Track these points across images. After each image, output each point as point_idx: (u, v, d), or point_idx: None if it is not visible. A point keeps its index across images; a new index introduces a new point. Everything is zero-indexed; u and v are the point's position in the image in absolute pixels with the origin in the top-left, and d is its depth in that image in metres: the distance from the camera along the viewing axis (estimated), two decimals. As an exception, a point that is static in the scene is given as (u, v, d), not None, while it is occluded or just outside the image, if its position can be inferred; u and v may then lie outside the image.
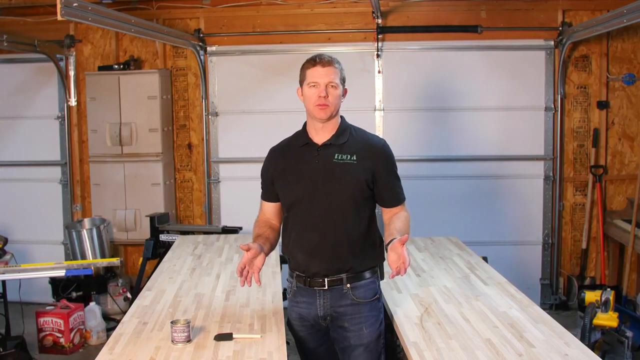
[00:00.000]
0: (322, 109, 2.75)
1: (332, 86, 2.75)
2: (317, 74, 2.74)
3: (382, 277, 2.93)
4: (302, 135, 2.88)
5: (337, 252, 2.78)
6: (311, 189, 2.79)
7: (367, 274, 2.84)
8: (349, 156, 2.77)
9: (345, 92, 2.84)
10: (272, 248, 2.94)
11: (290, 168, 2.86)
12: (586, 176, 5.98)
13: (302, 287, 2.87)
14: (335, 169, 2.76)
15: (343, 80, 2.82)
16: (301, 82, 2.81)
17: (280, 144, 2.98)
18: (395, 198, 2.86)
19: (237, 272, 2.73)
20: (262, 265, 2.77)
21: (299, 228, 2.84)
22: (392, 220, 2.81)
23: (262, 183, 3.03)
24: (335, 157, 2.77)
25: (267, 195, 3.01)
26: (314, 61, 2.76)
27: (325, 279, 2.81)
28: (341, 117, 2.88)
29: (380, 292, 2.91)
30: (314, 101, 2.75)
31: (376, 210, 2.90)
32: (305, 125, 2.90)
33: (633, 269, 5.60)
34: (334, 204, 2.76)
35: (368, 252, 2.84)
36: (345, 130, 2.83)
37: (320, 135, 2.82)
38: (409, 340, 2.76)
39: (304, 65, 2.81)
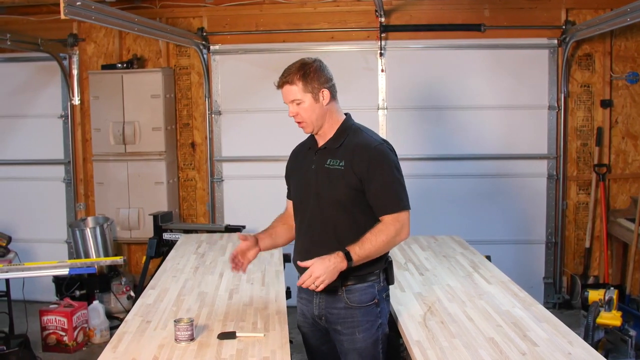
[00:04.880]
0: (301, 125, 2.79)
1: (297, 103, 2.73)
2: (283, 96, 2.78)
3: (391, 282, 2.86)
4: (312, 137, 2.90)
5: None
6: (306, 193, 2.81)
7: (365, 278, 2.76)
8: (338, 161, 2.73)
9: (321, 95, 2.72)
10: (274, 244, 2.99)
11: (295, 171, 2.92)
12: (590, 175, 5.97)
13: None
14: (325, 174, 2.75)
15: (313, 88, 2.70)
16: None
17: (298, 145, 3.02)
18: (381, 207, 2.69)
19: (229, 260, 2.89)
20: (253, 258, 2.93)
21: (297, 230, 2.90)
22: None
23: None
24: (327, 162, 2.76)
25: (287, 193, 3.05)
26: (276, 82, 2.79)
27: None
28: (346, 115, 2.85)
29: (382, 297, 2.83)
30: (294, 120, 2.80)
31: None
32: None
33: (637, 268, 5.59)
34: (324, 209, 2.75)
35: None
36: (342, 134, 2.79)
37: (321, 138, 2.83)
38: (412, 339, 2.76)
39: None
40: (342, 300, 2.77)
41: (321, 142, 2.83)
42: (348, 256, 2.62)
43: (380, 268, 2.81)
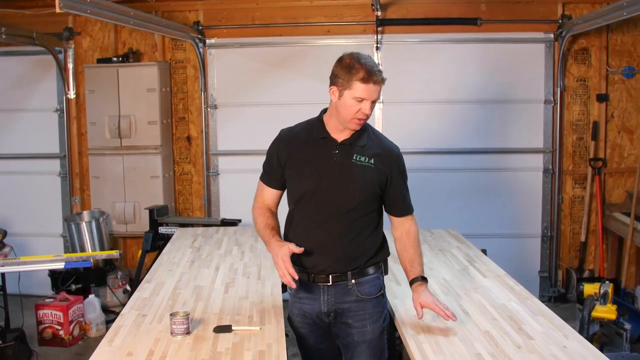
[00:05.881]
0: (360, 123, 2.69)
1: (375, 101, 2.67)
2: (368, 92, 2.60)
3: (386, 272, 2.91)
4: (319, 127, 2.78)
5: (345, 250, 2.77)
6: (325, 185, 2.73)
7: (372, 270, 2.82)
8: (367, 159, 2.73)
9: None
10: None
11: (304, 159, 2.76)
12: (585, 169, 5.98)
13: (305, 282, 2.82)
14: (352, 169, 2.72)
15: None
16: (341, 86, 2.62)
17: (294, 130, 2.85)
18: (406, 208, 2.87)
19: (289, 275, 2.65)
20: None
21: (307, 223, 2.80)
22: (406, 245, 2.83)
23: (266, 166, 2.89)
24: (354, 157, 2.73)
25: (270, 180, 2.89)
26: (368, 77, 2.57)
27: (330, 275, 2.79)
28: None
29: (384, 287, 2.90)
30: (355, 114, 2.64)
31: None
32: (321, 115, 2.81)
33: (632, 262, 5.61)
34: (346, 203, 2.73)
35: (374, 250, 2.83)
36: (364, 132, 2.76)
37: (341, 132, 2.75)
38: (408, 332, 2.76)
39: (354, 73, 2.58)
40: (353, 294, 2.79)
41: (340, 136, 2.75)
42: (423, 278, 2.80)
43: (383, 259, 2.87)
